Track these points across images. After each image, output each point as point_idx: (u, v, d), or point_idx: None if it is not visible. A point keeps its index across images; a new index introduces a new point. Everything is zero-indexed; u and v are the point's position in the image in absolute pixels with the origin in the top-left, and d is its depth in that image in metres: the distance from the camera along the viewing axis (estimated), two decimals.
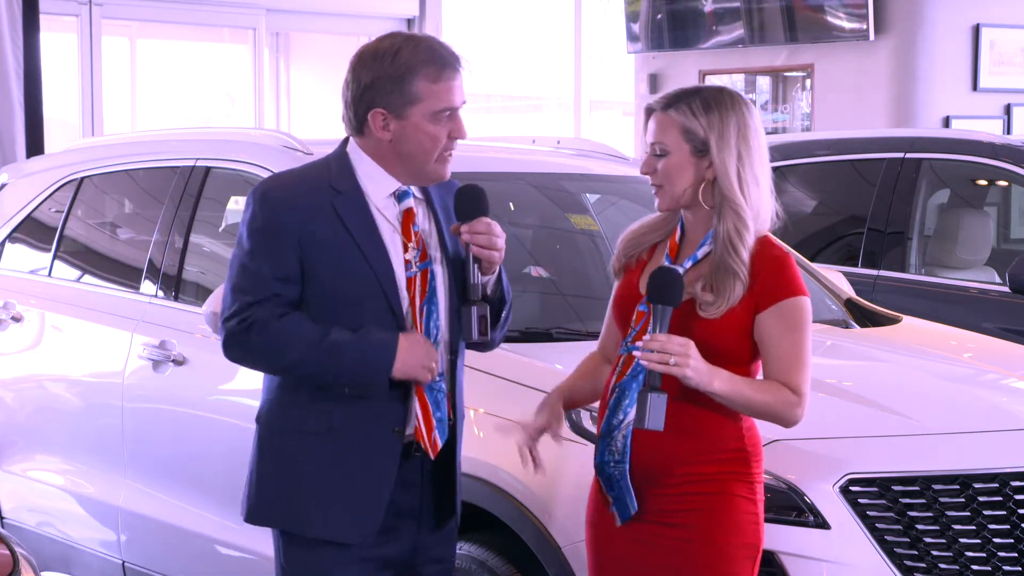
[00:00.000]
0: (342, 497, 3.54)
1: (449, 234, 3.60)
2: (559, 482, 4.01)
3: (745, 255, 3.43)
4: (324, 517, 3.54)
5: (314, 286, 3.52)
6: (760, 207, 3.47)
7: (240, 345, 3.52)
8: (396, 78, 3.47)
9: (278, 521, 3.61)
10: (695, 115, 3.46)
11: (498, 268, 3.60)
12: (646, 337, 3.35)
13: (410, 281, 3.54)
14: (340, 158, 3.61)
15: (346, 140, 3.65)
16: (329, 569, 3.57)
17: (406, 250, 3.55)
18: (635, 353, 3.40)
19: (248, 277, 3.51)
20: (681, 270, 3.47)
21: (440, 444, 3.58)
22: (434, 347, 3.54)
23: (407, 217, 3.57)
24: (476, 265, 3.54)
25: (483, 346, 3.68)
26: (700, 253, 3.49)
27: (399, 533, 3.61)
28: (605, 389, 3.56)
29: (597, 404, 3.77)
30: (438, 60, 3.49)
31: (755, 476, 3.50)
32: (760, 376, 3.50)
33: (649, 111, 3.54)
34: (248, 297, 3.49)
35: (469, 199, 3.56)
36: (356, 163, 3.59)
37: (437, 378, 3.55)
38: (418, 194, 3.63)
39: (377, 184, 3.57)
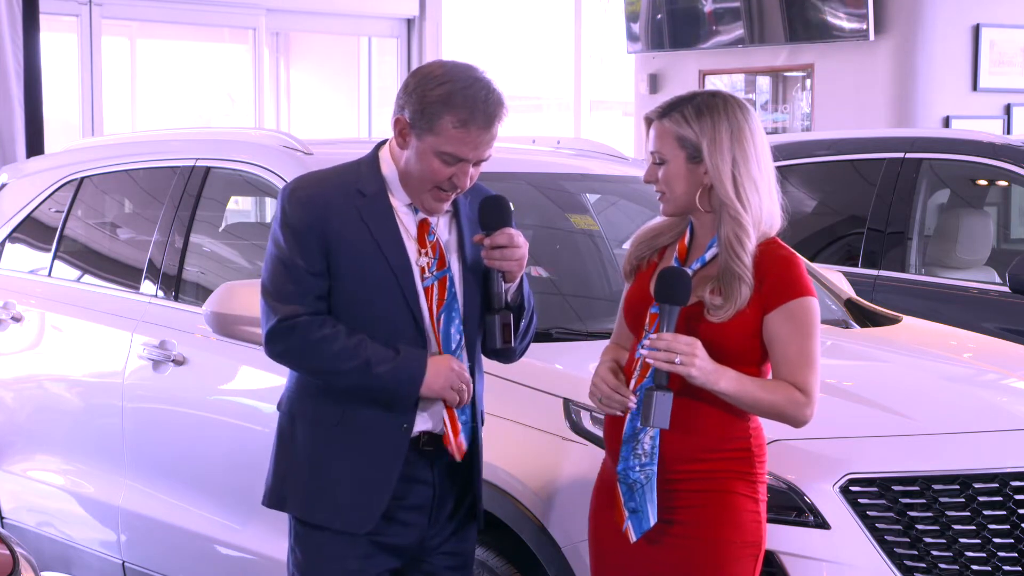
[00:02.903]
0: (348, 488, 3.59)
1: (471, 243, 3.63)
2: (559, 482, 4.01)
3: (747, 259, 3.43)
4: (329, 505, 3.60)
5: (337, 288, 3.56)
6: (762, 210, 3.47)
7: (282, 341, 3.56)
8: (429, 102, 3.49)
9: (288, 506, 3.67)
10: (688, 122, 3.47)
11: (520, 276, 3.62)
12: (653, 336, 3.36)
13: (428, 290, 3.58)
14: (370, 162, 3.65)
15: (380, 144, 3.67)
16: (338, 554, 3.63)
17: (420, 256, 3.58)
18: (641, 351, 3.41)
19: (288, 274, 3.54)
20: (690, 272, 3.48)
21: (465, 446, 3.63)
22: (465, 369, 3.56)
23: (423, 227, 3.61)
24: (499, 274, 3.57)
25: (505, 355, 3.72)
26: (708, 255, 3.50)
27: (410, 525, 3.66)
28: None
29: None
30: (472, 110, 3.48)
31: (758, 476, 3.51)
32: (770, 376, 3.50)
33: (648, 120, 3.55)
34: (294, 301, 3.53)
35: (492, 210, 3.59)
36: (384, 168, 3.62)
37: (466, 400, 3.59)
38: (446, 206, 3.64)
39: (400, 191, 3.61)
